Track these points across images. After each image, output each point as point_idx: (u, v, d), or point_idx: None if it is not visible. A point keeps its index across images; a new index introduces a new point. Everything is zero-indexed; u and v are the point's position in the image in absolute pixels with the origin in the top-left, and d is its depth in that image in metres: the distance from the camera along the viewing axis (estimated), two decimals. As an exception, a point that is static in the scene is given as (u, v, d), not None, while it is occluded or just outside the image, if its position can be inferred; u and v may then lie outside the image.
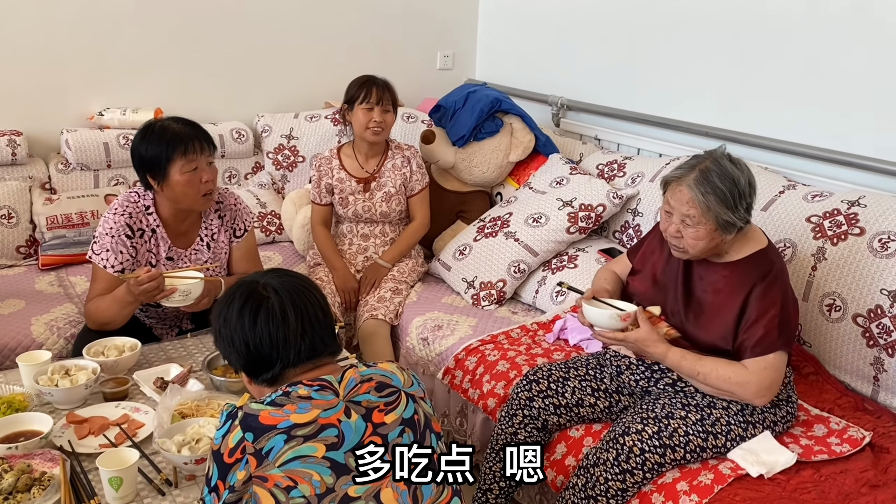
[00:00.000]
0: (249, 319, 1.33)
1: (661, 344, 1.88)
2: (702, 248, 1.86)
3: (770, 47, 2.69)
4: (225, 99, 3.50)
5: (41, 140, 3.17)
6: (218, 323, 1.38)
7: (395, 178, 2.84)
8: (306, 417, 1.23)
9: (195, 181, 2.16)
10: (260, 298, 1.34)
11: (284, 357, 1.32)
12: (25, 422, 1.72)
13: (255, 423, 1.22)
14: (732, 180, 1.79)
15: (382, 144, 2.87)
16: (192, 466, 1.58)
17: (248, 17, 3.46)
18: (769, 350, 1.81)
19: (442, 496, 1.32)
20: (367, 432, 1.27)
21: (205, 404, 1.82)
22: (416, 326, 2.64)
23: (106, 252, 2.17)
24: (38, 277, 2.81)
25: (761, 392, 1.82)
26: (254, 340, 1.32)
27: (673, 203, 1.86)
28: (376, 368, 1.36)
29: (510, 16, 3.85)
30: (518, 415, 2.07)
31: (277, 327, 1.32)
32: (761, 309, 1.82)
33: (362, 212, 2.85)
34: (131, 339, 2.08)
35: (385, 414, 1.29)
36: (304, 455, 1.21)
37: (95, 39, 3.17)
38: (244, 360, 1.35)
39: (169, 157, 2.12)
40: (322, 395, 1.27)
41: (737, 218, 1.80)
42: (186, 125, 2.20)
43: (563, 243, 2.80)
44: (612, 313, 1.90)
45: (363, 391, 1.30)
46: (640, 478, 1.81)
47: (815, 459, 1.83)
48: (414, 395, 1.36)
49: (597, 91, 3.39)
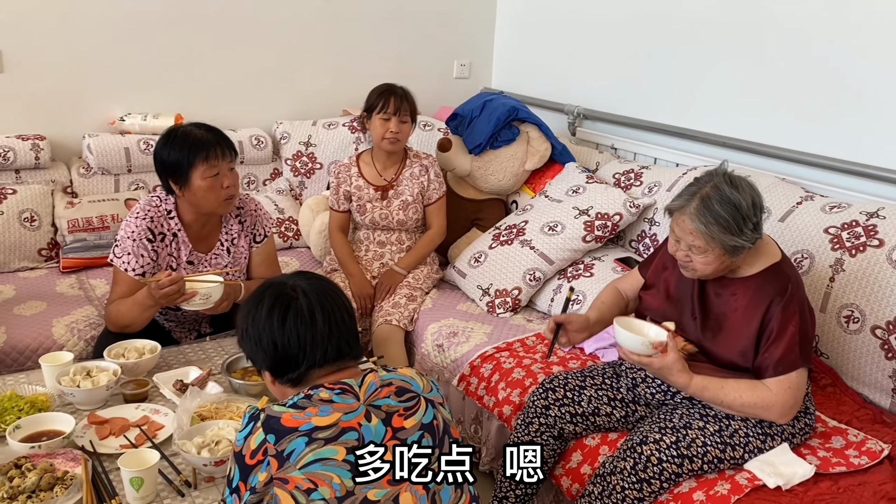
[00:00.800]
0: (278, 319, 1.34)
1: (684, 374, 1.84)
2: (712, 271, 1.85)
3: (789, 58, 2.69)
4: (244, 106, 3.54)
5: (64, 144, 3.21)
6: (245, 322, 1.39)
7: (412, 187, 2.86)
8: (327, 420, 1.24)
9: (216, 186, 2.18)
10: (289, 299, 1.35)
11: (311, 358, 1.34)
12: (48, 422, 1.74)
13: (277, 425, 1.24)
14: (734, 205, 1.76)
15: (401, 153, 2.89)
16: (211, 468, 1.59)
17: (268, 26, 3.50)
18: (791, 368, 1.80)
19: (461, 501, 1.33)
20: (387, 436, 1.27)
21: (224, 407, 1.84)
22: (432, 333, 2.65)
23: (127, 255, 2.20)
24: (59, 280, 2.85)
25: (786, 412, 1.82)
26: (282, 340, 1.34)
27: (678, 233, 1.85)
28: (396, 373, 1.37)
29: (527, 25, 3.87)
30: (534, 423, 2.07)
31: (306, 328, 1.33)
32: (780, 327, 1.80)
33: (379, 219, 2.87)
34: (151, 342, 2.10)
35: (405, 419, 1.30)
36: (325, 458, 1.22)
37: (117, 46, 3.22)
38: (271, 359, 1.36)
39: (191, 162, 2.15)
40: (343, 398, 1.28)
41: (744, 240, 1.78)
42: (209, 131, 2.23)
43: (578, 252, 2.80)
44: (646, 341, 1.84)
45: (383, 395, 1.31)
46: (657, 487, 1.81)
47: (832, 472, 1.83)
48: (433, 400, 1.37)
49: (613, 100, 3.39)
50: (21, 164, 2.99)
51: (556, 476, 2.08)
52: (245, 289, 2.29)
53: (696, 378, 1.85)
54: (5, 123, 3.07)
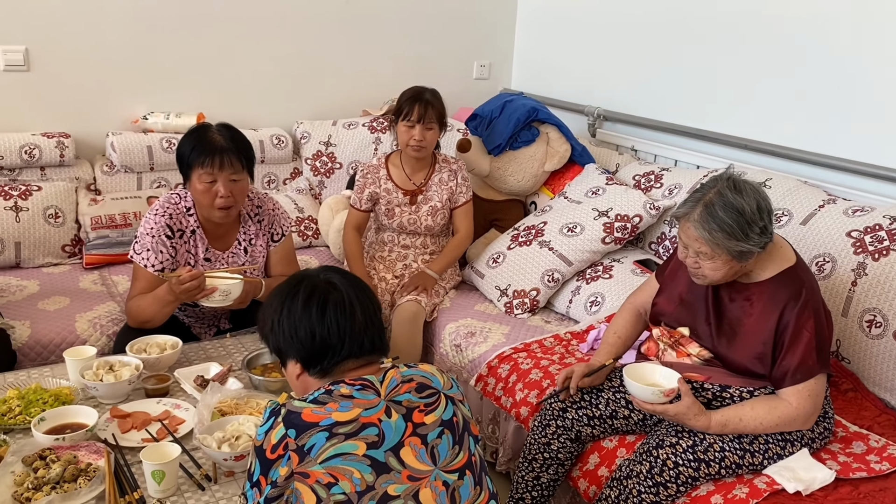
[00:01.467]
0: (318, 310, 1.35)
1: (701, 417, 1.82)
2: (722, 276, 1.84)
3: (812, 60, 2.67)
4: (265, 105, 3.56)
5: (88, 142, 3.25)
6: (278, 314, 1.39)
7: (441, 193, 2.84)
8: (348, 416, 1.26)
9: (211, 193, 2.18)
10: (327, 291, 1.37)
11: (349, 348, 1.35)
12: (71, 414, 1.76)
13: (297, 420, 1.25)
14: (737, 211, 1.74)
15: (429, 157, 2.87)
16: (231, 463, 1.61)
17: (290, 27, 3.53)
18: (809, 375, 1.78)
19: (479, 499, 1.33)
20: (407, 432, 1.29)
21: (244, 402, 1.85)
22: (449, 333, 2.66)
23: (146, 252, 2.23)
24: (82, 276, 2.89)
25: (809, 420, 1.82)
26: (321, 331, 1.35)
27: (685, 240, 1.84)
28: (417, 370, 1.39)
29: (547, 26, 3.87)
30: (551, 425, 2.07)
31: (346, 319, 1.35)
32: (795, 333, 1.79)
33: (407, 224, 2.86)
34: (172, 338, 2.12)
35: (425, 414, 1.32)
36: (346, 453, 1.23)
37: (141, 46, 3.26)
38: (306, 350, 1.36)
39: (191, 162, 2.16)
40: (363, 394, 1.30)
41: (751, 245, 1.76)
42: (229, 138, 2.21)
43: (597, 253, 2.79)
44: (656, 391, 1.83)
45: (403, 391, 1.33)
46: (674, 491, 1.80)
47: (853, 477, 1.81)
48: (453, 397, 1.38)
49: (634, 102, 3.38)
50: (46, 161, 3.03)
51: (573, 478, 2.07)
52: (266, 286, 2.30)
53: (714, 417, 1.83)
54: (31, 121, 3.11)
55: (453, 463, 1.32)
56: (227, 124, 2.29)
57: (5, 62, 3.04)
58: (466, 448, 1.35)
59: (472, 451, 1.36)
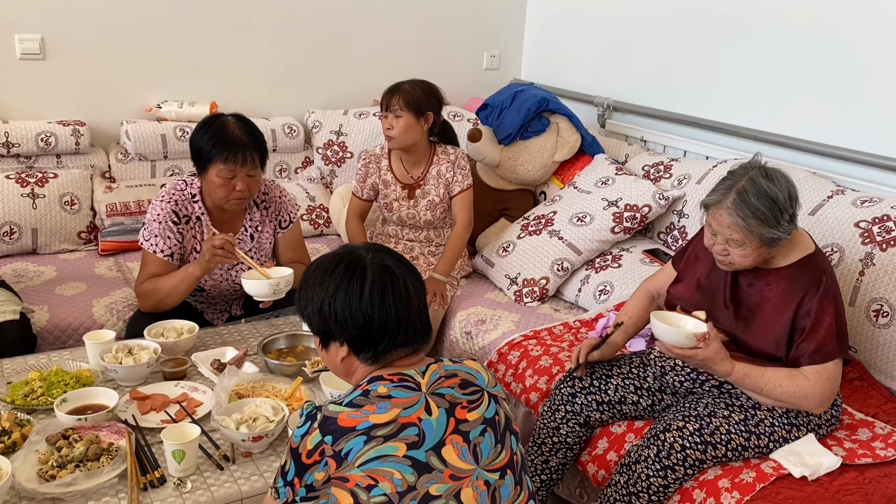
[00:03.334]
0: (378, 295, 1.31)
1: (726, 362, 1.85)
2: (750, 263, 1.87)
3: (821, 51, 2.68)
4: (277, 95, 3.59)
5: (103, 130, 3.29)
6: (330, 295, 1.33)
7: (438, 186, 2.82)
8: (386, 417, 1.23)
9: (228, 187, 2.20)
10: (385, 274, 1.33)
11: (404, 334, 1.33)
12: (92, 396, 1.81)
13: (334, 425, 1.23)
14: (771, 198, 1.78)
15: (426, 151, 2.83)
16: (249, 444, 1.65)
17: (302, 16, 3.55)
18: (828, 358, 1.82)
19: (519, 498, 1.32)
20: (449, 429, 1.26)
21: (260, 386, 1.89)
22: (460, 320, 2.69)
23: (154, 238, 2.26)
24: (98, 262, 2.93)
25: (823, 402, 1.85)
26: (380, 316, 1.31)
27: (715, 227, 1.86)
28: (461, 365, 1.36)
29: (557, 17, 3.88)
30: (560, 410, 2.10)
31: (403, 305, 1.32)
32: (817, 318, 1.82)
33: (406, 218, 2.87)
34: (189, 322, 2.16)
35: (468, 411, 1.29)
36: (385, 455, 1.21)
37: (155, 35, 3.29)
38: (362, 334, 1.33)
39: (211, 156, 2.18)
40: (402, 391, 1.27)
41: (781, 232, 1.80)
42: (246, 132, 2.22)
43: (607, 243, 2.82)
44: (689, 334, 1.83)
45: (446, 385, 1.31)
46: (682, 474, 1.83)
47: (858, 463, 1.84)
48: (496, 395, 1.36)
49: (643, 92, 3.40)
50: (62, 149, 3.07)
51: (582, 462, 2.11)
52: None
53: (738, 365, 1.86)
54: (48, 109, 3.15)
55: (495, 462, 1.30)
56: (241, 116, 2.30)
57: (21, 51, 3.07)
58: (508, 447, 1.33)
59: (514, 449, 1.34)
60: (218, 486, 1.58)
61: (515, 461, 1.34)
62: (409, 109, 2.68)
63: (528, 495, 1.34)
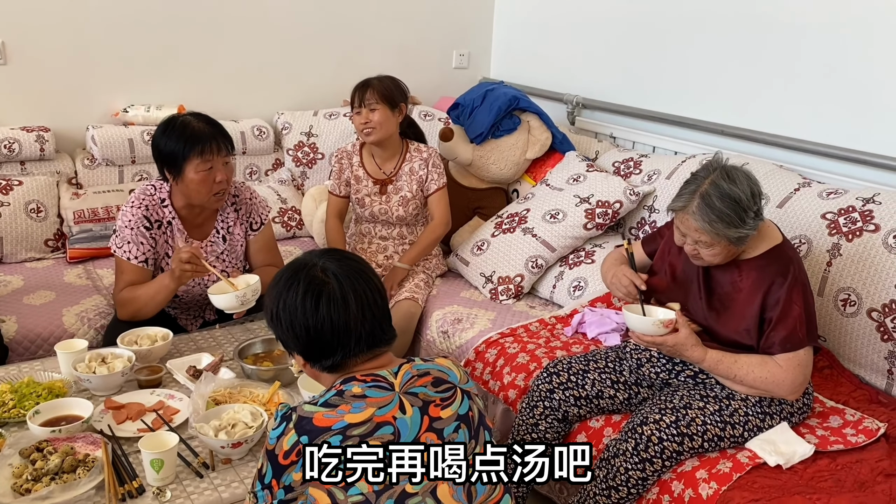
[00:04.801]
0: (312, 304, 1.31)
1: (698, 348, 1.91)
2: (720, 260, 1.92)
3: (786, 46, 2.73)
4: (246, 96, 3.56)
5: (68, 136, 3.23)
6: (275, 306, 1.35)
7: (411, 182, 2.82)
8: (361, 417, 1.23)
9: (209, 180, 2.19)
10: (322, 283, 1.32)
11: (346, 345, 1.31)
12: (66, 407, 1.78)
13: (309, 425, 1.23)
14: (734, 200, 1.81)
15: (399, 146, 2.83)
16: (228, 450, 1.64)
17: (270, 17, 3.52)
18: (798, 346, 1.86)
19: (494, 493, 1.33)
20: (424, 427, 1.27)
21: (237, 392, 1.88)
22: (437, 320, 2.70)
23: (127, 244, 2.23)
24: (67, 270, 2.88)
25: (795, 388, 1.88)
26: (315, 326, 1.31)
27: (683, 230, 1.91)
28: (433, 364, 1.37)
29: (526, 15, 3.90)
30: (538, 406, 2.12)
31: (339, 313, 1.30)
32: (786, 307, 1.86)
33: (379, 214, 2.86)
34: (163, 329, 2.14)
35: (441, 409, 1.30)
36: None
37: (120, 38, 3.24)
38: (304, 345, 1.34)
39: (186, 155, 2.16)
40: (376, 391, 1.27)
41: (748, 230, 1.84)
42: (208, 123, 2.23)
43: (580, 239, 2.84)
44: (656, 321, 1.90)
45: (419, 384, 1.31)
46: (660, 466, 1.86)
47: (830, 449, 1.88)
48: (469, 391, 1.36)
49: (612, 89, 3.43)
50: (26, 155, 3.01)
51: (561, 457, 2.12)
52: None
53: (710, 352, 1.91)
54: (10, 115, 3.09)
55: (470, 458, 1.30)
56: (197, 112, 2.30)
57: (-18, 56, 3.01)
58: (482, 442, 1.33)
59: None
60: (198, 495, 1.57)
61: None
62: (384, 102, 2.69)
63: (504, 489, 1.35)
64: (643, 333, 1.92)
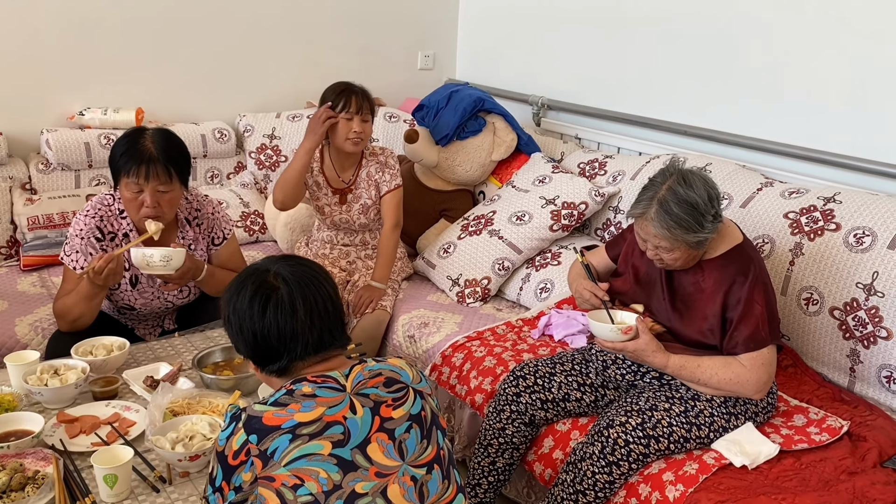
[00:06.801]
0: (258, 310, 1.31)
1: (660, 354, 1.91)
2: (682, 264, 1.93)
3: (746, 47, 2.75)
4: (207, 98, 3.49)
5: (21, 140, 3.14)
6: (227, 309, 1.36)
7: (370, 188, 2.77)
8: (311, 416, 1.22)
9: (137, 202, 2.12)
10: (270, 288, 1.32)
11: (292, 350, 1.31)
12: (16, 421, 1.71)
13: (259, 424, 1.22)
14: (691, 205, 1.82)
15: (358, 154, 2.79)
16: (186, 463, 1.59)
17: (230, 17, 3.46)
18: (761, 345, 1.87)
19: (447, 493, 1.32)
20: (374, 427, 1.26)
21: (195, 402, 1.83)
22: (403, 324, 2.66)
23: (76, 253, 2.17)
24: (21, 278, 2.79)
25: (760, 387, 1.89)
26: (262, 331, 1.31)
27: (643, 235, 1.91)
28: (385, 364, 1.36)
29: (490, 16, 3.89)
30: (505, 410, 2.10)
31: (286, 319, 1.30)
32: (747, 306, 1.86)
33: (340, 223, 2.82)
34: (119, 339, 2.07)
35: (393, 409, 1.29)
36: (311, 453, 1.20)
37: (76, 38, 3.15)
38: (251, 349, 1.35)
39: (118, 169, 2.11)
40: (326, 391, 1.26)
41: (707, 233, 1.84)
42: (161, 148, 2.12)
43: (546, 241, 2.83)
44: (614, 327, 1.92)
45: (370, 385, 1.30)
46: (626, 469, 1.85)
47: (795, 448, 1.89)
48: (422, 391, 1.35)
49: (577, 91, 3.43)
50: (-23, 160, 2.92)
51: (529, 462, 2.11)
52: (207, 272, 2.25)
53: (672, 357, 1.92)
54: (-41, 119, 2.99)
55: (421, 458, 1.29)
56: (164, 130, 2.22)
57: (-71, 57, 2.91)
58: (435, 442, 1.32)
59: (440, 444, 1.34)
60: (154, 510, 1.52)
61: (443, 456, 1.34)
62: (372, 114, 2.71)
63: (457, 489, 1.35)
64: (604, 339, 1.94)
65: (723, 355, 1.92)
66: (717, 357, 1.91)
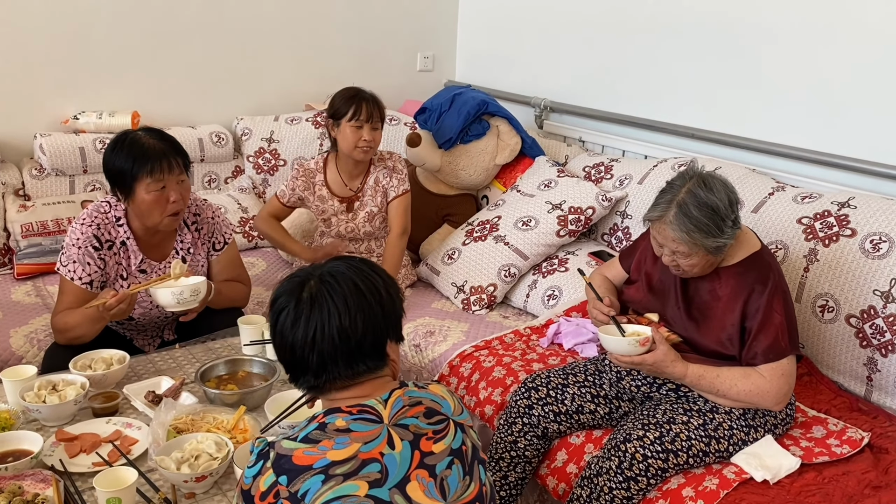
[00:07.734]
0: (292, 322, 1.22)
1: (678, 364, 1.86)
2: (699, 271, 1.88)
3: (757, 49, 2.71)
4: (204, 102, 3.42)
5: (13, 145, 3.06)
6: (272, 318, 1.27)
7: (376, 195, 2.72)
8: (345, 454, 1.14)
9: (162, 201, 2.08)
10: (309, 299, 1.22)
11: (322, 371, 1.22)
12: (13, 441, 1.65)
13: (288, 464, 1.14)
14: (711, 209, 1.77)
15: (367, 161, 2.74)
16: (192, 484, 1.53)
17: (227, 19, 3.40)
18: (781, 356, 1.82)
19: (469, 488, 1.23)
20: (414, 463, 1.17)
21: (200, 418, 1.77)
22: (408, 333, 2.61)
23: (73, 264, 2.10)
24: (14, 287, 2.72)
25: (780, 399, 1.84)
26: (293, 344, 1.23)
27: (660, 240, 1.86)
28: (426, 392, 1.27)
29: (490, 17, 3.83)
30: (517, 423, 2.04)
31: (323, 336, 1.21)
32: (766, 315, 1.82)
33: (345, 232, 2.76)
34: (119, 352, 2.01)
35: (434, 443, 1.20)
36: (345, 495, 1.12)
37: (70, 41, 3.08)
38: (285, 363, 1.27)
39: (135, 174, 2.04)
40: (362, 424, 1.18)
41: (726, 239, 1.80)
42: (161, 139, 2.11)
43: (552, 246, 2.78)
44: (631, 340, 1.85)
45: (410, 415, 1.21)
46: (645, 484, 1.80)
47: (816, 462, 1.84)
48: (463, 423, 1.27)
49: (580, 92, 3.38)
50: (-32, 166, 2.85)
51: (542, 476, 2.06)
52: (215, 291, 2.20)
53: (691, 367, 1.86)
54: (-50, 123, 2.92)
55: (464, 496, 1.21)
56: (150, 128, 2.18)
57: (-82, 61, 2.83)
58: (477, 478, 1.24)
59: (482, 481, 1.25)
60: (159, 534, 1.46)
61: (485, 493, 1.26)
62: (382, 122, 2.65)
63: (480, 484, 1.26)
64: (620, 354, 1.87)
65: (741, 366, 1.87)
66: (736, 367, 1.87)
